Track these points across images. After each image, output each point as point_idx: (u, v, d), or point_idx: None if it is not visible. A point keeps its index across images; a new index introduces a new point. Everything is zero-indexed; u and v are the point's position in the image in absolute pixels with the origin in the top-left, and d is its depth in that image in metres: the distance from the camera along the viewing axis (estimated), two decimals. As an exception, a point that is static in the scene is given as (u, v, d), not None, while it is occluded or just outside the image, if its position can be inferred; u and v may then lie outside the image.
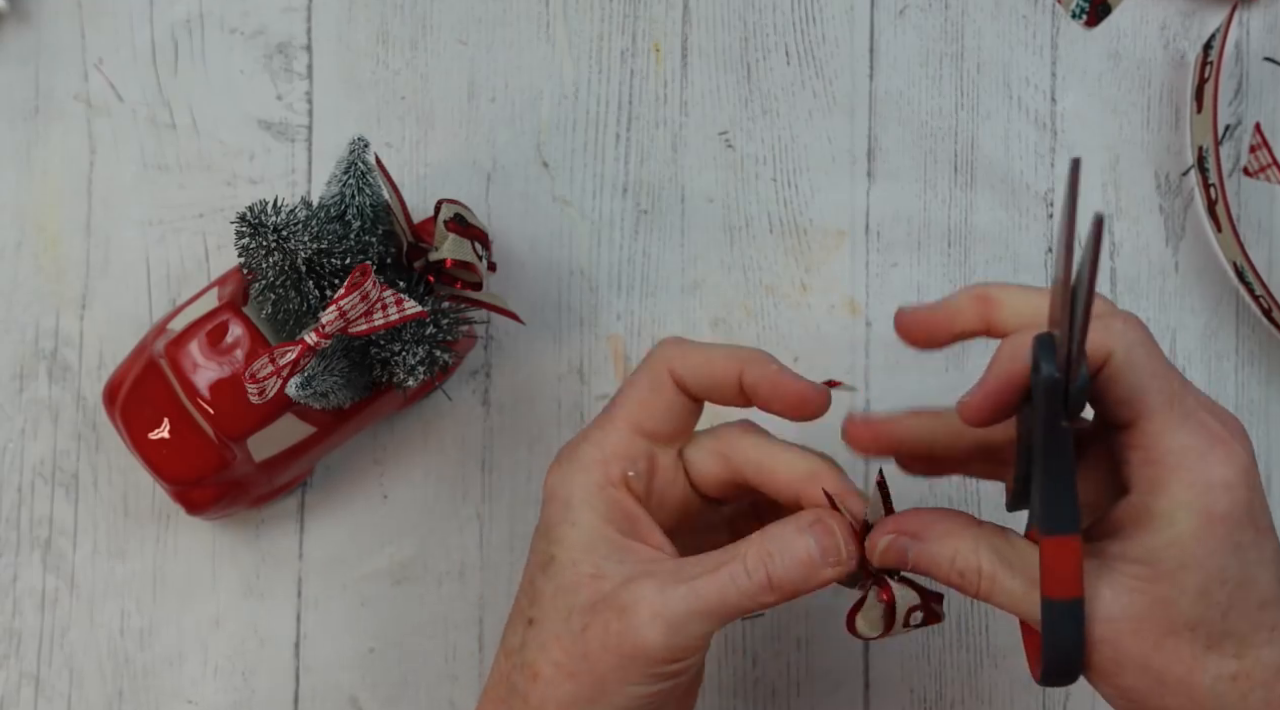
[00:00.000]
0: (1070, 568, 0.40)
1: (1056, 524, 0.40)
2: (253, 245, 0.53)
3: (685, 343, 0.47)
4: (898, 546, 0.44)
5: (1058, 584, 0.40)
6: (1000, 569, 0.42)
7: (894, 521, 0.44)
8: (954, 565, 0.43)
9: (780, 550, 0.44)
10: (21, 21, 0.64)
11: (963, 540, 0.43)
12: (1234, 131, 0.66)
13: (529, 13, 0.65)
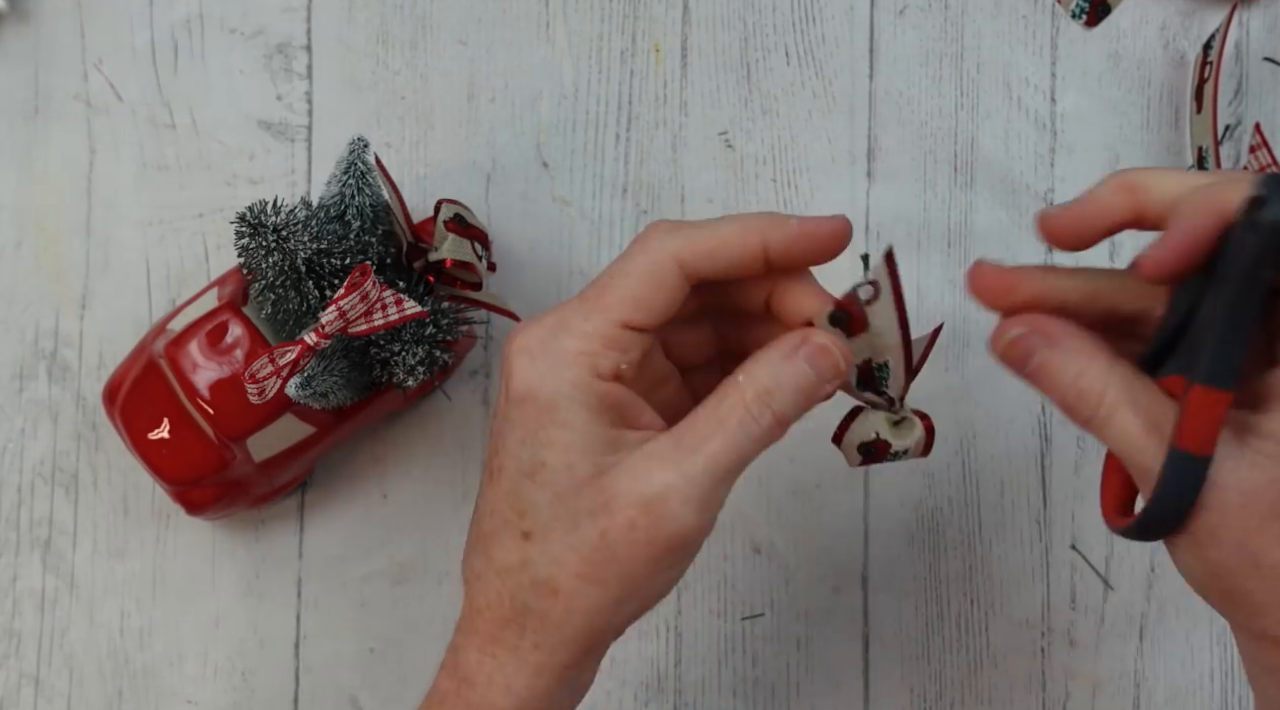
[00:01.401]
0: (1211, 424, 0.37)
1: (1214, 375, 0.37)
2: (253, 245, 0.53)
3: (683, 226, 0.42)
4: (1027, 344, 0.41)
5: (1192, 437, 0.38)
6: (1124, 403, 0.40)
7: (1030, 319, 0.41)
8: (1077, 382, 0.40)
9: (778, 385, 0.42)
10: (21, 21, 0.64)
11: (1095, 361, 0.40)
12: (1234, 131, 0.66)
13: (529, 13, 0.65)
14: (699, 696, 0.64)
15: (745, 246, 0.42)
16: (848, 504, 0.64)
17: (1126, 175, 0.41)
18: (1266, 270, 0.36)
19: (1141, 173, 0.41)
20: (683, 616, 0.64)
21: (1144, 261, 0.39)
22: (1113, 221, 0.41)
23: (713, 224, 0.43)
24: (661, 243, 0.42)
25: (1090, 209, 0.41)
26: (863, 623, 0.64)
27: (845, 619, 0.64)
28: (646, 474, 0.41)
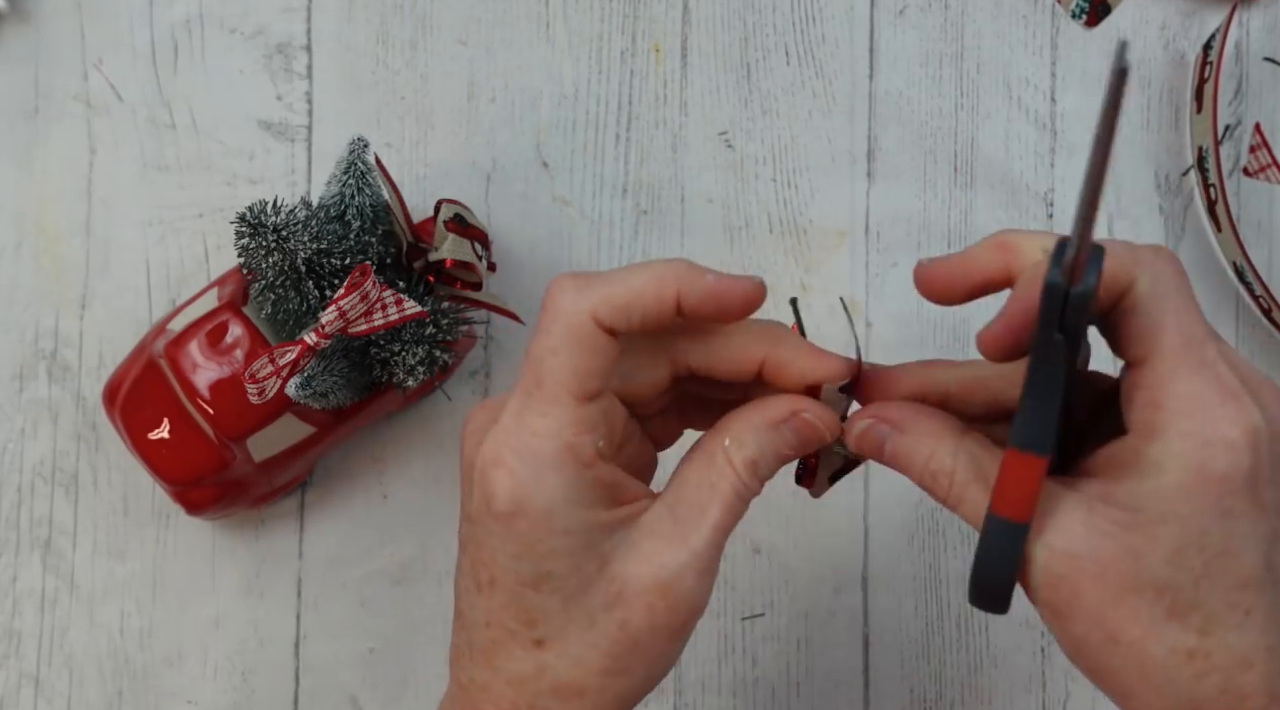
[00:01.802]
0: (1026, 489, 0.37)
1: (1025, 439, 0.37)
2: (252, 245, 0.53)
3: (593, 281, 0.39)
4: (876, 434, 0.42)
5: (1006, 502, 0.37)
6: (973, 481, 0.39)
7: (877, 408, 0.42)
8: (927, 465, 0.40)
9: (763, 454, 0.41)
10: (21, 21, 0.64)
11: (942, 442, 0.40)
12: (1234, 131, 0.66)
13: (529, 13, 0.65)
14: (699, 696, 0.64)
15: (660, 300, 0.40)
16: (848, 504, 0.64)
17: (1004, 235, 0.40)
18: (1055, 332, 0.35)
19: (1018, 235, 0.40)
20: (683, 616, 0.64)
21: (981, 338, 0.39)
22: (984, 279, 0.40)
23: (623, 275, 0.40)
24: (574, 304, 0.39)
25: (964, 266, 0.40)
26: (863, 623, 0.64)
27: (845, 619, 0.64)
28: (655, 555, 0.40)
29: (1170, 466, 0.37)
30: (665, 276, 0.40)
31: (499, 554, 0.40)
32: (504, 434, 0.40)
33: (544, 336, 0.39)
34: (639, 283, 0.39)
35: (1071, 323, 0.36)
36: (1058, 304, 0.35)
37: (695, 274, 0.40)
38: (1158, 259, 0.38)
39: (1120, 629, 0.37)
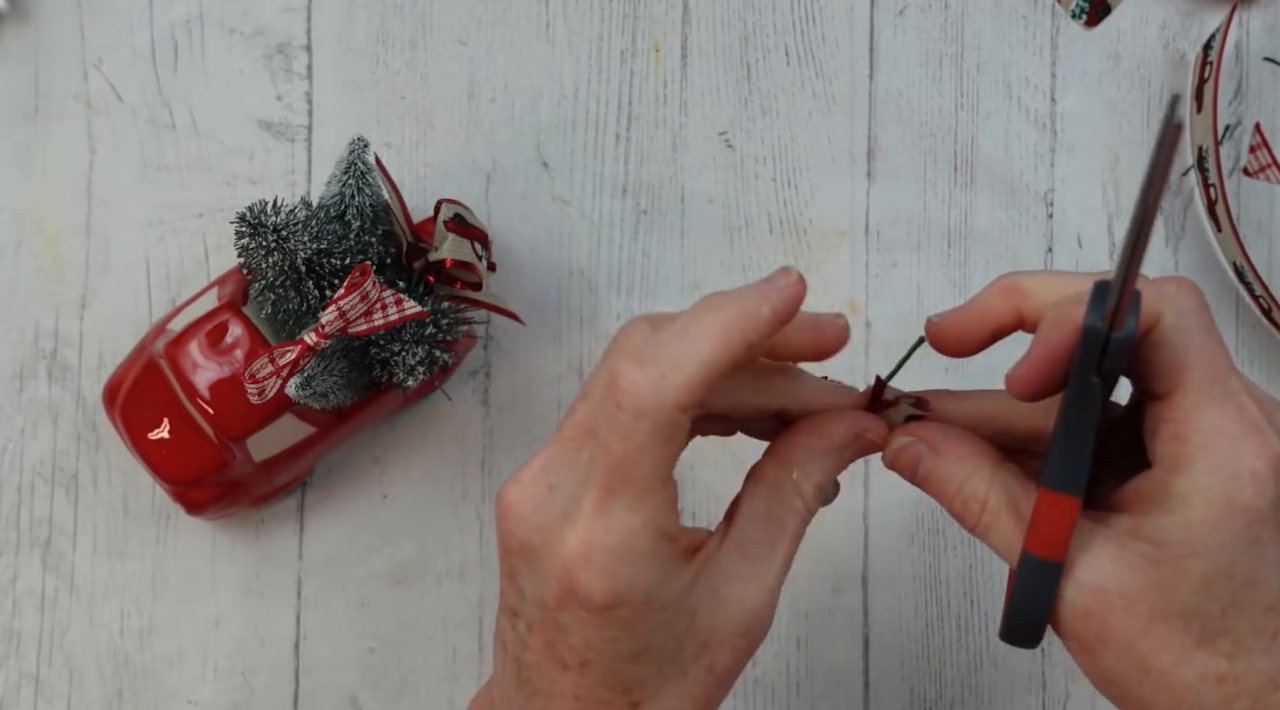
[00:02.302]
0: (1060, 529, 0.38)
1: (1059, 481, 0.38)
2: (252, 245, 0.53)
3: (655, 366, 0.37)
4: (913, 453, 0.42)
5: (1041, 541, 0.38)
6: (1005, 512, 0.40)
7: (917, 428, 0.42)
8: (960, 491, 0.41)
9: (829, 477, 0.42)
10: (21, 21, 0.64)
11: (979, 469, 0.41)
12: (1234, 131, 0.66)
13: (529, 13, 0.65)
14: (699, 696, 0.64)
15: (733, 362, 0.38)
16: (848, 504, 0.64)
17: (1009, 279, 0.41)
18: (1093, 376, 0.36)
19: (1023, 277, 0.41)
20: (683, 616, 0.64)
21: (1010, 379, 0.39)
22: (997, 326, 0.41)
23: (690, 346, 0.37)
24: (656, 398, 0.37)
25: (974, 316, 0.41)
26: (863, 623, 0.64)
27: (845, 619, 0.64)
28: (737, 602, 0.40)
29: (1197, 500, 0.37)
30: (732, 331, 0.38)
31: (594, 640, 0.39)
32: (589, 533, 0.38)
33: (625, 436, 0.37)
34: (710, 353, 0.38)
35: (1109, 367, 0.36)
36: (1096, 348, 0.36)
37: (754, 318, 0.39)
38: (1180, 293, 0.38)
39: (1151, 658, 0.38)
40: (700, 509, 0.64)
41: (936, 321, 0.42)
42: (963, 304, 0.41)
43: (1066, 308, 0.38)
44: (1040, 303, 0.40)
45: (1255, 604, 0.38)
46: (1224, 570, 0.37)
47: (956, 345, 0.42)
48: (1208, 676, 0.38)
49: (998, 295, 0.41)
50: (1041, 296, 0.40)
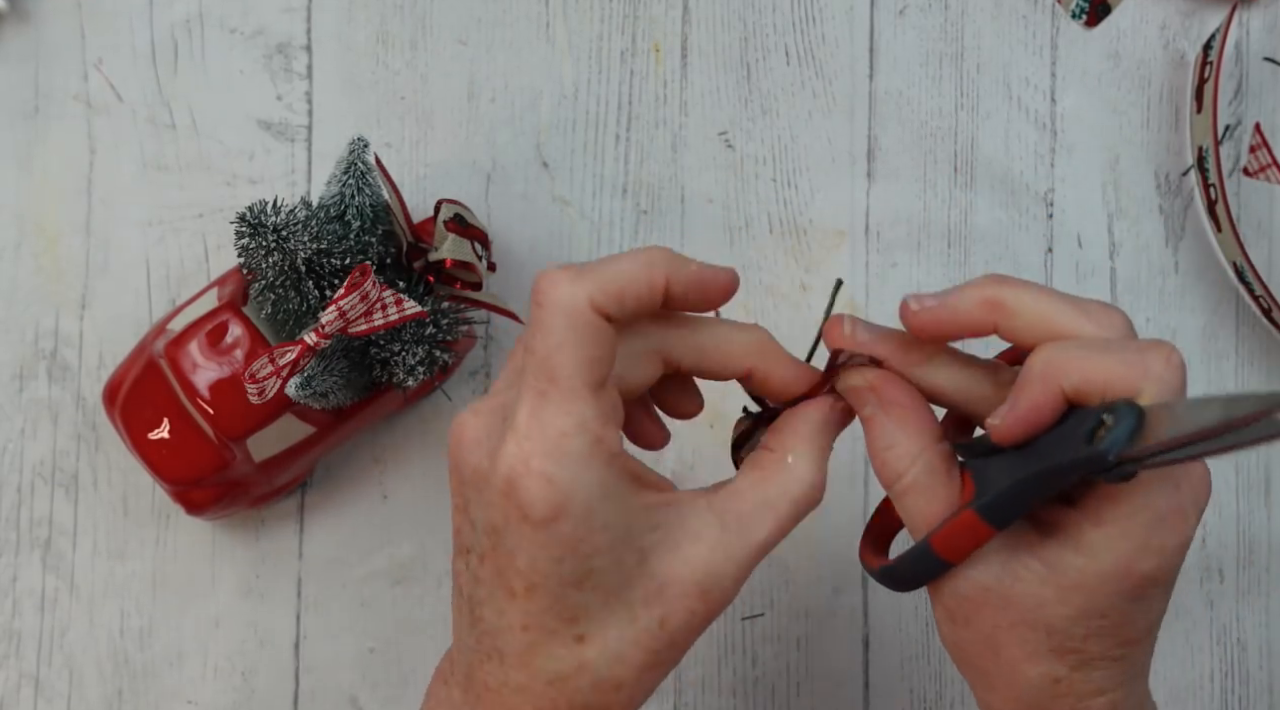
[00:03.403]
0: (967, 543, 0.41)
1: (993, 515, 0.40)
2: (252, 245, 0.53)
3: (576, 269, 0.39)
4: (861, 397, 0.43)
5: (947, 546, 0.41)
6: (920, 489, 0.42)
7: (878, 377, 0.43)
8: (885, 452, 0.43)
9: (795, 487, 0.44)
10: (21, 21, 0.64)
11: (910, 439, 0.43)
12: (1234, 131, 0.66)
13: (529, 13, 0.65)
14: (699, 696, 0.64)
15: (651, 286, 0.40)
16: (848, 504, 0.64)
17: (995, 291, 0.41)
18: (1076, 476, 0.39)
19: (1009, 292, 0.41)
20: (683, 616, 0.64)
21: (994, 430, 0.41)
22: (971, 330, 0.42)
23: (612, 263, 0.40)
24: (571, 295, 0.39)
25: (950, 318, 0.42)
26: (863, 623, 0.64)
27: (845, 619, 0.64)
28: (700, 561, 0.41)
29: (1103, 556, 0.40)
30: (654, 263, 0.40)
31: (539, 560, 0.39)
32: (525, 439, 0.38)
33: (545, 332, 0.39)
34: (630, 269, 0.40)
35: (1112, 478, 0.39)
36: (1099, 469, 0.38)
37: (680, 261, 0.41)
38: (1167, 367, 0.39)
39: (1005, 648, 0.42)
40: (700, 509, 0.64)
41: (915, 311, 0.42)
42: (943, 300, 0.42)
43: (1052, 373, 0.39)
44: (1021, 326, 0.41)
45: (1115, 637, 0.41)
46: (1098, 611, 0.40)
47: (929, 336, 0.43)
48: (1047, 677, 0.42)
49: (979, 307, 0.42)
50: (1024, 321, 0.41)
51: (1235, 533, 0.66)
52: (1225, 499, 0.66)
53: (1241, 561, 0.67)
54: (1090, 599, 0.40)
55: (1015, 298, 0.41)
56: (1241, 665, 0.66)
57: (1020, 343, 0.41)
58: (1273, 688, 0.67)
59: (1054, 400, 0.39)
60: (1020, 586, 0.41)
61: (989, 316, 0.41)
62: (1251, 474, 0.67)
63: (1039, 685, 0.42)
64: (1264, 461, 0.66)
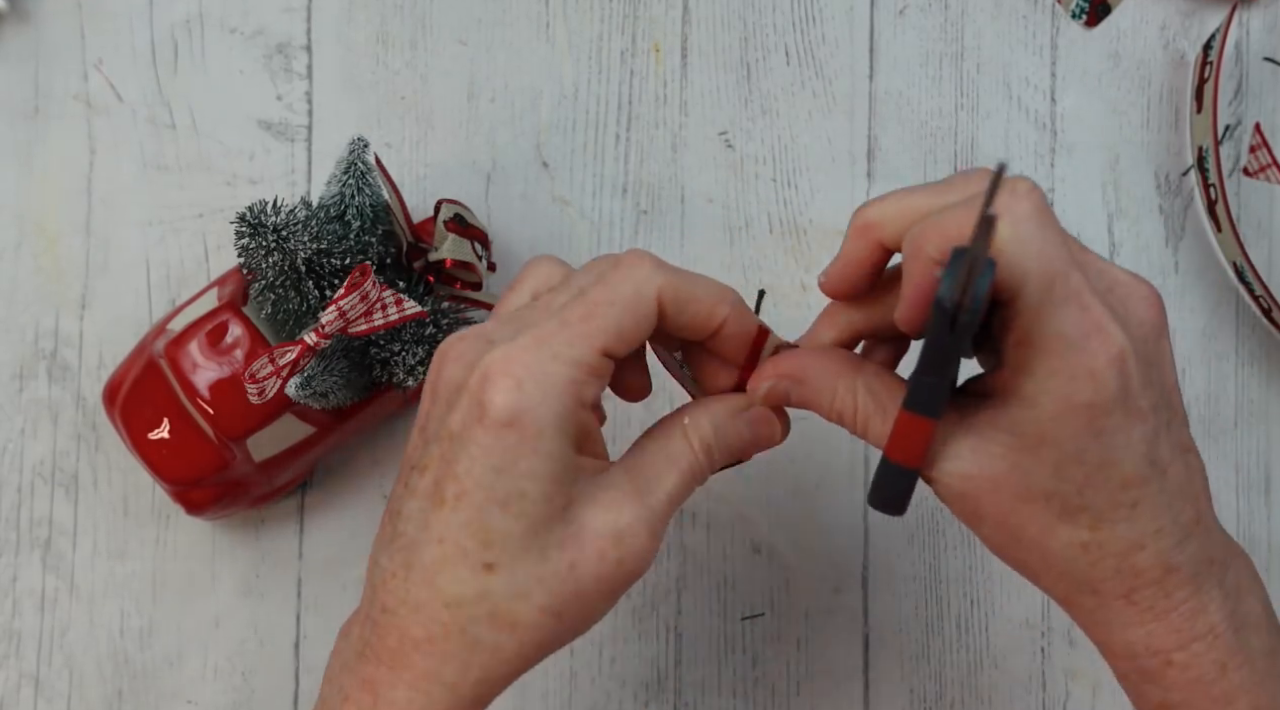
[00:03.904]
0: (917, 443, 0.41)
1: (918, 405, 0.41)
2: (252, 245, 0.53)
3: (667, 266, 0.43)
4: (779, 391, 0.45)
5: (901, 451, 0.42)
6: (875, 412, 0.44)
7: (774, 365, 0.45)
8: (834, 406, 0.44)
9: (719, 440, 0.44)
10: (21, 21, 0.64)
11: (840, 381, 0.44)
12: (1234, 131, 0.66)
13: (529, 13, 0.65)
14: (699, 696, 0.64)
15: (711, 315, 0.43)
16: (848, 504, 0.64)
17: (861, 214, 0.43)
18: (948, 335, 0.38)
19: (872, 209, 0.43)
20: (683, 616, 0.64)
21: (900, 324, 0.42)
22: (870, 266, 0.44)
23: (695, 277, 0.43)
24: (649, 276, 0.42)
25: (845, 263, 0.44)
26: (863, 623, 0.64)
27: (845, 619, 0.64)
28: (614, 508, 0.42)
29: (1042, 400, 0.40)
30: (723, 297, 0.44)
31: (477, 465, 0.40)
32: (520, 350, 0.40)
33: (607, 286, 0.42)
34: (704, 289, 0.43)
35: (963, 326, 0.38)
36: (948, 319, 0.38)
37: (744, 309, 0.44)
38: (1014, 199, 0.39)
39: (1020, 530, 0.42)
40: (700, 509, 0.64)
41: (823, 280, 0.45)
42: (835, 257, 0.44)
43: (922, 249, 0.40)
44: (895, 230, 0.42)
45: (1110, 482, 0.40)
46: (1072, 457, 0.40)
47: (847, 292, 0.45)
48: (1073, 545, 0.41)
49: (856, 237, 0.43)
50: (892, 225, 0.42)
51: (1235, 533, 0.66)
52: (1225, 499, 0.66)
53: (1241, 561, 0.67)
54: (1059, 447, 0.40)
55: (878, 209, 0.43)
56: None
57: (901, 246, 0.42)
58: (1273, 688, 0.67)
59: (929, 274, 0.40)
60: (997, 462, 0.41)
61: (869, 239, 0.43)
62: (1251, 474, 0.67)
63: (1071, 556, 0.41)
64: (1264, 461, 0.66)
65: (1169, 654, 0.42)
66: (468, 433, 0.40)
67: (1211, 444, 0.66)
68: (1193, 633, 0.42)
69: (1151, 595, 0.42)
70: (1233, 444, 0.66)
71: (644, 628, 0.64)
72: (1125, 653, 0.43)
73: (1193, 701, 0.42)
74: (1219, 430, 0.66)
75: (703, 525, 0.64)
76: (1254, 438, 0.66)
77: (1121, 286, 0.42)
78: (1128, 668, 0.43)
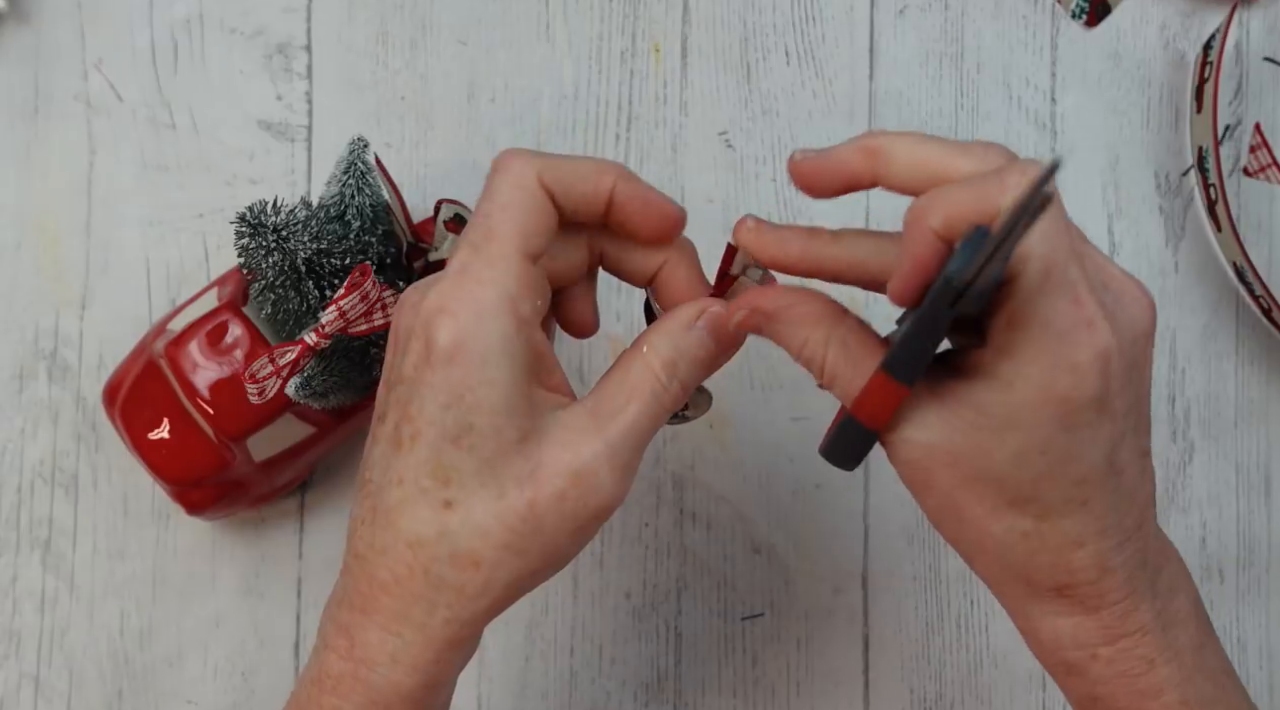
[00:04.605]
0: (883, 406, 0.41)
1: (897, 370, 0.40)
2: (253, 245, 0.53)
3: (538, 153, 0.42)
4: (750, 324, 0.44)
5: (865, 412, 0.41)
6: (843, 368, 0.42)
7: (753, 297, 0.44)
8: (802, 352, 0.43)
9: (681, 355, 0.43)
10: (21, 21, 0.64)
11: (815, 330, 0.43)
12: (1234, 131, 0.66)
13: (529, 13, 0.65)
14: (699, 696, 0.64)
15: (597, 187, 0.42)
16: (848, 504, 0.64)
17: (875, 139, 0.42)
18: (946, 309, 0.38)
19: (888, 139, 0.42)
20: (683, 616, 0.64)
21: (891, 295, 0.41)
22: (852, 179, 0.42)
23: (568, 157, 0.43)
24: (524, 168, 0.42)
25: (832, 166, 0.42)
26: (863, 623, 0.64)
27: (845, 619, 0.64)
28: (573, 444, 0.41)
29: (1020, 385, 0.39)
30: (606, 168, 0.43)
31: (428, 405, 0.40)
32: (449, 286, 0.40)
33: (493, 195, 0.42)
34: (583, 164, 0.42)
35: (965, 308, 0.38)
36: (952, 295, 0.37)
37: (631, 175, 0.43)
38: (1026, 180, 0.39)
39: (965, 508, 0.41)
40: (700, 509, 0.64)
41: (799, 161, 0.43)
42: (824, 151, 0.43)
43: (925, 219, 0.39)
44: (898, 171, 0.41)
45: (1066, 477, 0.40)
46: (1036, 446, 0.40)
47: (814, 187, 0.43)
48: (1014, 532, 0.41)
49: (858, 153, 0.42)
50: (900, 165, 0.41)
51: (1235, 533, 0.66)
52: (1225, 499, 0.66)
53: (1241, 562, 0.67)
54: (1025, 435, 0.39)
55: (892, 143, 0.42)
56: (1242, 665, 0.66)
57: (902, 190, 0.41)
58: (1273, 688, 0.67)
59: (931, 246, 0.39)
60: (959, 438, 0.40)
61: (868, 163, 0.42)
62: (1251, 474, 0.67)
63: (1009, 543, 0.41)
64: (1264, 461, 0.66)
65: (1095, 648, 0.42)
66: (418, 374, 0.40)
67: (1211, 444, 0.66)
68: (1122, 630, 0.42)
69: (1084, 593, 0.42)
70: (1233, 444, 0.66)
71: (644, 628, 0.64)
72: (1052, 643, 0.43)
73: (1118, 695, 0.42)
74: (1219, 430, 0.66)
75: (703, 525, 0.64)
76: (1254, 438, 0.66)
77: (1116, 284, 0.42)
78: (1053, 660, 0.43)
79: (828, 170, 0.42)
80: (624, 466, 0.41)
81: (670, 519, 0.64)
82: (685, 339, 0.43)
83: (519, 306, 0.40)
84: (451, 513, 0.40)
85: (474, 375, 0.40)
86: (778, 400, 0.64)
